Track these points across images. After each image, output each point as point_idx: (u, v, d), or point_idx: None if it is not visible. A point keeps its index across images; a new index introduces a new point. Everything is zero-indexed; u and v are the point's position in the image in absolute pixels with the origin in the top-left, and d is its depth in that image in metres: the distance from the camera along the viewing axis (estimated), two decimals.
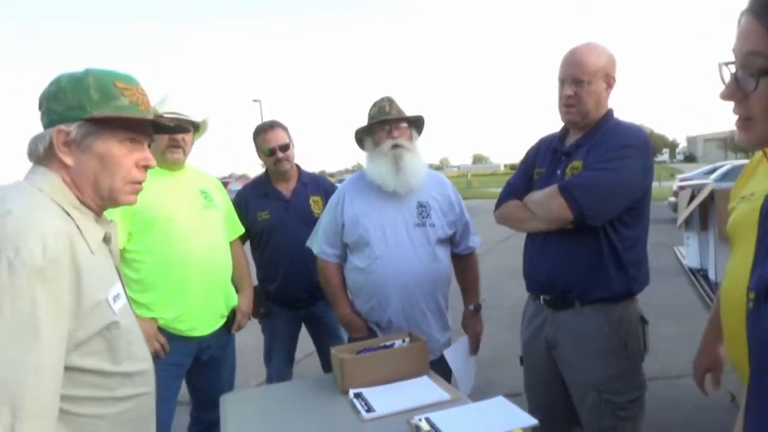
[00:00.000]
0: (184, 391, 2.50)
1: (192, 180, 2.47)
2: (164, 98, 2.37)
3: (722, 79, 0.85)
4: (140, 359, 1.30)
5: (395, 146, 2.31)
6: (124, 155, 1.28)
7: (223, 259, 2.47)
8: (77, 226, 1.19)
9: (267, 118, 3.16)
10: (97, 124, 1.23)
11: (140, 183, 1.34)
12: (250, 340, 3.51)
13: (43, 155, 1.22)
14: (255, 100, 33.12)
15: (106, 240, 1.32)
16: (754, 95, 0.80)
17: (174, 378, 2.36)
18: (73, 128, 1.21)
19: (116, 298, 1.25)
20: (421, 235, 2.34)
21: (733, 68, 0.84)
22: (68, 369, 1.12)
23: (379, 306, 2.34)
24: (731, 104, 0.86)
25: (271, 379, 2.98)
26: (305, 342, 3.11)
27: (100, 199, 1.28)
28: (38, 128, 1.26)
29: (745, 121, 0.84)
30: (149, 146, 1.37)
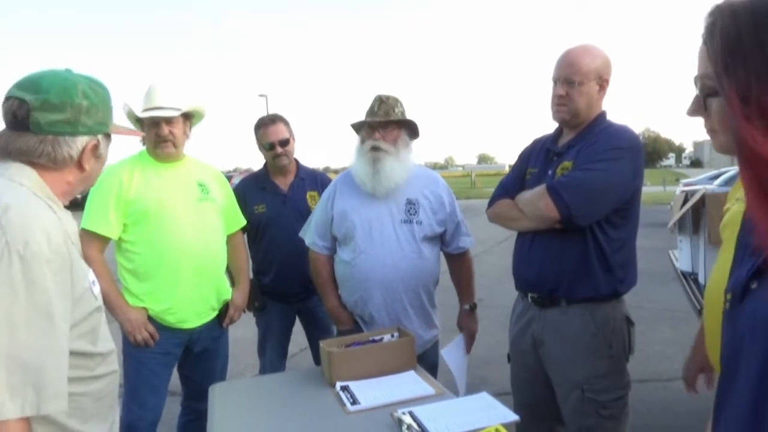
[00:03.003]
0: (175, 381, 2.53)
1: (189, 172, 2.46)
2: (148, 91, 2.35)
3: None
4: (110, 339, 1.38)
5: (374, 148, 2.32)
6: None
7: (217, 252, 2.47)
8: (59, 218, 1.23)
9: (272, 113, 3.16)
10: (107, 138, 1.38)
11: None
12: (246, 333, 3.53)
13: (58, 158, 1.26)
14: (261, 95, 33.05)
15: None
16: (711, 112, 0.86)
17: (164, 366, 2.38)
18: (101, 140, 1.34)
19: (93, 283, 1.31)
20: (407, 231, 2.34)
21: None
22: None
23: (362, 300, 2.36)
24: None
25: (264, 371, 2.99)
26: (300, 336, 3.13)
27: (64, 196, 1.33)
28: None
29: (711, 132, 0.89)
30: None
